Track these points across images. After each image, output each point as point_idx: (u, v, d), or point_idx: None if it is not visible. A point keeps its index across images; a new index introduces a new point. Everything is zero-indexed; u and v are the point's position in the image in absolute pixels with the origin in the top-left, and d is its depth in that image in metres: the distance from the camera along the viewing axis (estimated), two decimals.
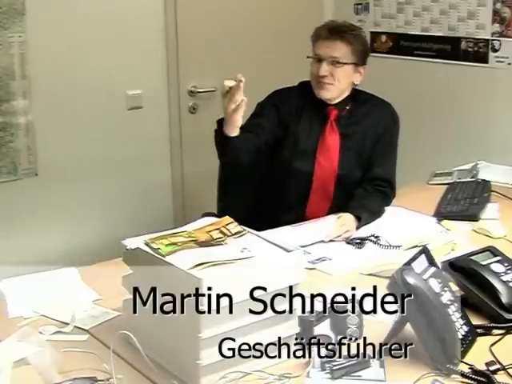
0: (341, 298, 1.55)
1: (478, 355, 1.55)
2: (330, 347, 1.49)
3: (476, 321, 1.68)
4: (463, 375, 1.46)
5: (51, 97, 3.20)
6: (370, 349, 1.54)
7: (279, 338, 1.52)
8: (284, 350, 1.54)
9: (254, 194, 2.65)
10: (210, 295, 1.36)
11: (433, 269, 1.62)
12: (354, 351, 1.51)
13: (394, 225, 2.42)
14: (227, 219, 1.64)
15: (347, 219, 2.35)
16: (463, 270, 1.79)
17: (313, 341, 1.50)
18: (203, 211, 2.85)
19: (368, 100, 2.62)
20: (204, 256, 1.47)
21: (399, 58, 3.77)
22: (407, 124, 3.05)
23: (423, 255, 1.64)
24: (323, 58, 2.50)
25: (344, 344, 1.54)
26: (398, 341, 1.58)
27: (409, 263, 1.58)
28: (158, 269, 1.47)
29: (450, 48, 3.60)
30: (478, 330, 1.64)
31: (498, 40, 3.40)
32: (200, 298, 1.36)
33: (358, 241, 2.27)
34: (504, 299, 1.71)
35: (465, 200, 2.59)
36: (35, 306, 1.81)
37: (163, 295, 1.47)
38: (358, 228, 2.35)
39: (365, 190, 2.53)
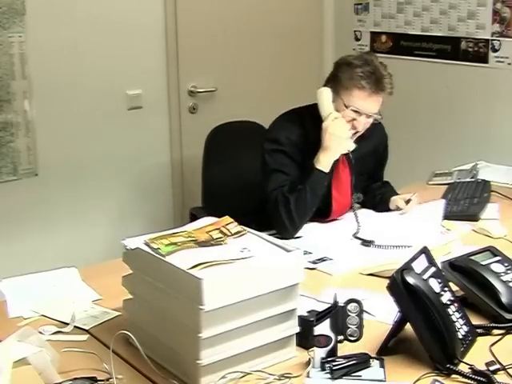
0: (342, 299, 1.55)
1: (478, 355, 1.55)
2: (329, 347, 1.49)
3: (476, 321, 1.68)
4: (463, 375, 1.46)
5: (51, 97, 3.20)
6: (370, 349, 1.54)
7: (279, 338, 1.52)
8: (284, 349, 1.54)
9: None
10: (209, 295, 1.36)
11: (433, 269, 1.62)
12: (353, 351, 1.51)
13: (395, 225, 2.42)
14: (227, 219, 1.64)
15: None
16: (463, 269, 1.79)
17: (313, 341, 1.50)
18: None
19: None
20: (204, 256, 1.47)
21: (399, 58, 3.77)
22: (407, 124, 3.06)
23: (423, 255, 1.64)
24: (365, 114, 2.35)
25: (343, 343, 1.54)
26: (397, 341, 1.58)
27: (409, 263, 1.57)
28: (157, 269, 1.47)
29: (449, 48, 3.60)
30: (478, 330, 1.64)
31: (498, 40, 3.40)
32: (200, 297, 1.36)
33: (364, 240, 2.27)
34: (504, 299, 1.71)
35: (465, 200, 2.59)
36: (35, 306, 1.81)
37: (163, 295, 1.47)
38: None
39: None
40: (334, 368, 1.45)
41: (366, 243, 2.25)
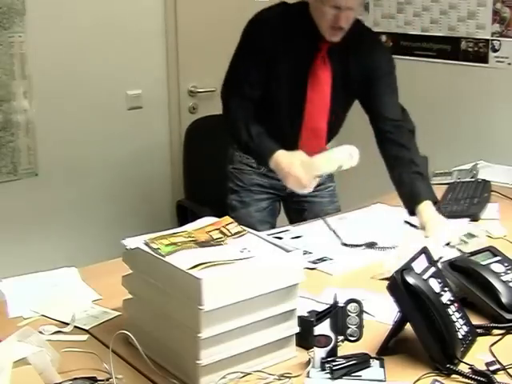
0: (342, 299, 1.55)
1: (478, 355, 1.55)
2: (329, 347, 1.49)
3: (476, 321, 1.68)
4: (463, 375, 1.46)
5: (51, 97, 3.20)
6: (370, 349, 1.54)
7: (279, 338, 1.52)
8: (284, 349, 1.54)
9: None
10: (209, 295, 1.36)
11: (433, 269, 1.62)
12: (353, 351, 1.51)
13: (396, 225, 2.42)
14: (227, 219, 1.64)
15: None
16: (463, 269, 1.79)
17: (313, 341, 1.50)
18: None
19: (364, 35, 2.52)
20: (204, 256, 1.47)
21: (399, 58, 3.75)
22: None
23: (423, 255, 1.64)
24: (342, 8, 2.31)
25: (343, 343, 1.54)
26: (397, 341, 1.58)
27: (409, 263, 1.57)
28: (157, 269, 1.47)
29: (449, 48, 3.61)
30: (478, 330, 1.64)
31: (498, 40, 3.40)
32: (199, 297, 1.36)
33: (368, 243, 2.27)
34: (504, 299, 1.71)
35: (465, 200, 2.59)
36: (35, 306, 1.81)
37: (163, 295, 1.47)
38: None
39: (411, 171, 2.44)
40: (334, 368, 1.45)
41: (370, 245, 2.24)
